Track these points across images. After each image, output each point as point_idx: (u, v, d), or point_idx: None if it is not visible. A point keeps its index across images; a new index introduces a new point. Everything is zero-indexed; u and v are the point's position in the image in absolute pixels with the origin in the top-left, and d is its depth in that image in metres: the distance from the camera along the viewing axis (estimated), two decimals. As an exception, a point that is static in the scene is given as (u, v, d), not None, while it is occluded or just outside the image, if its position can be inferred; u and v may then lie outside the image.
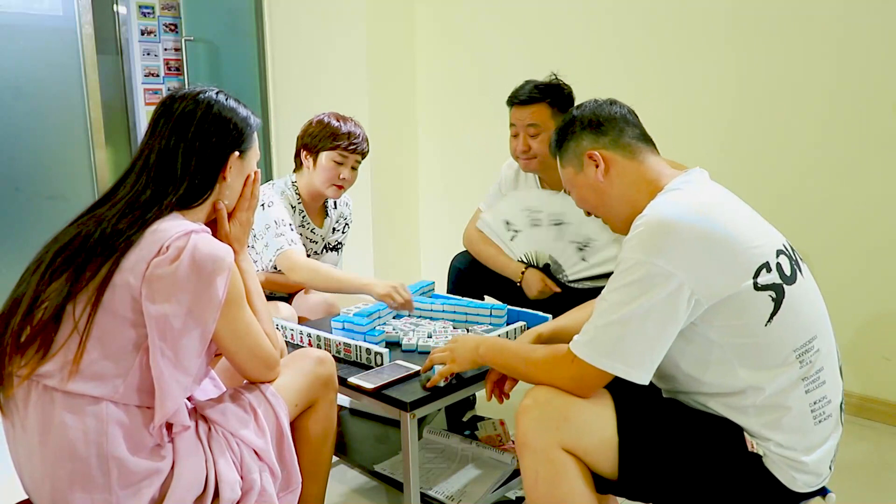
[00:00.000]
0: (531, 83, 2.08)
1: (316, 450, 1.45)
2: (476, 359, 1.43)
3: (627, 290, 1.14)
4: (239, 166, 1.30)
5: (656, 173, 1.30)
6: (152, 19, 4.58)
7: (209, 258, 1.13)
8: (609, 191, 1.32)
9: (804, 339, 1.17)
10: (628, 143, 1.32)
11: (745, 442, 1.17)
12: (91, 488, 1.09)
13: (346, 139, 2.07)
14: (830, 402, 1.20)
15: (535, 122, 2.05)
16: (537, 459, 1.20)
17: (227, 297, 1.16)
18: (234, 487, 1.19)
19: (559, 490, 1.19)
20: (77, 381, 1.10)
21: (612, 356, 1.15)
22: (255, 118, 1.34)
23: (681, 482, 1.20)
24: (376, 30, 3.46)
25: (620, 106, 1.37)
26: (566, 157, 1.38)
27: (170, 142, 1.22)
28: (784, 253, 1.21)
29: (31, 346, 1.11)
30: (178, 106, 1.25)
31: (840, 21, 2.29)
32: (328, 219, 2.26)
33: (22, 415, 1.14)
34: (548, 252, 2.14)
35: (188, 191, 1.23)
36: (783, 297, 1.16)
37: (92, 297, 1.10)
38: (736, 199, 1.28)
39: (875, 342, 2.35)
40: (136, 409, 1.14)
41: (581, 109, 1.39)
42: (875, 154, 2.28)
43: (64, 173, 3.18)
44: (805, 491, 1.18)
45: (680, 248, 1.13)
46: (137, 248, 1.12)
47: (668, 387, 1.30)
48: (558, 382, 1.22)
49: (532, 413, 1.21)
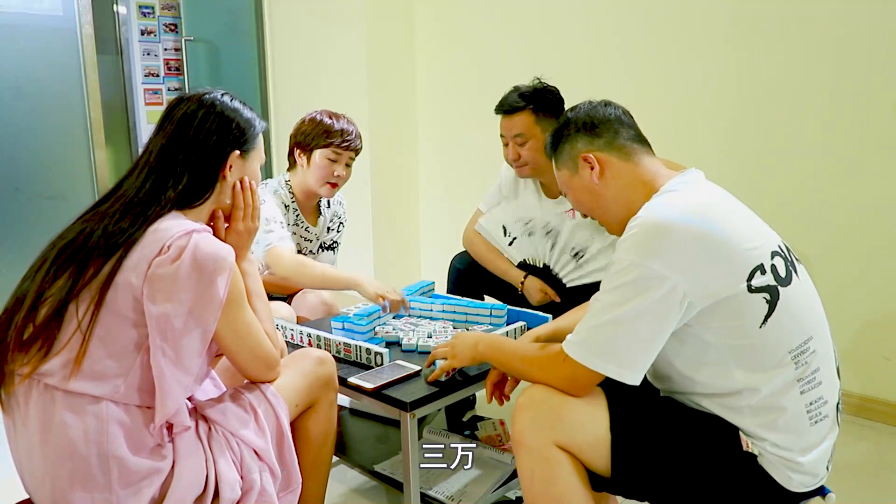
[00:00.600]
0: (516, 91, 2.07)
1: (316, 450, 1.45)
2: (476, 355, 1.44)
3: (620, 291, 1.15)
4: (240, 166, 1.31)
5: (652, 174, 1.29)
6: (152, 19, 4.58)
7: (210, 258, 1.14)
8: (604, 193, 1.32)
9: (799, 341, 1.17)
10: (623, 145, 1.31)
11: (741, 441, 1.17)
12: (91, 487, 1.09)
13: (339, 136, 2.06)
14: (827, 403, 1.20)
15: (521, 131, 2.05)
16: (533, 458, 1.21)
17: (228, 297, 1.16)
18: (234, 487, 1.19)
19: (555, 488, 1.19)
20: (78, 380, 1.10)
21: (603, 357, 1.16)
22: (260, 122, 1.35)
23: (674, 480, 1.20)
24: (376, 30, 3.46)
25: (615, 107, 1.36)
26: (561, 159, 1.37)
27: (172, 139, 1.24)
28: (779, 254, 1.20)
29: (34, 344, 1.11)
30: (182, 106, 1.27)
31: (840, 21, 2.29)
32: (322, 217, 2.26)
33: (23, 413, 1.14)
34: (544, 260, 2.15)
35: (188, 188, 1.23)
36: (778, 298, 1.15)
37: (95, 296, 1.10)
38: (732, 199, 1.28)
39: (875, 342, 2.35)
40: (137, 408, 1.14)
41: (575, 112, 1.37)
42: (875, 154, 2.28)
43: (64, 173, 3.18)
44: (801, 491, 1.18)
45: (674, 250, 1.12)
46: (139, 247, 1.13)
47: (664, 386, 1.31)
48: (552, 381, 1.22)
49: (527, 412, 1.22)
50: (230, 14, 4.07)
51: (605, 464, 1.20)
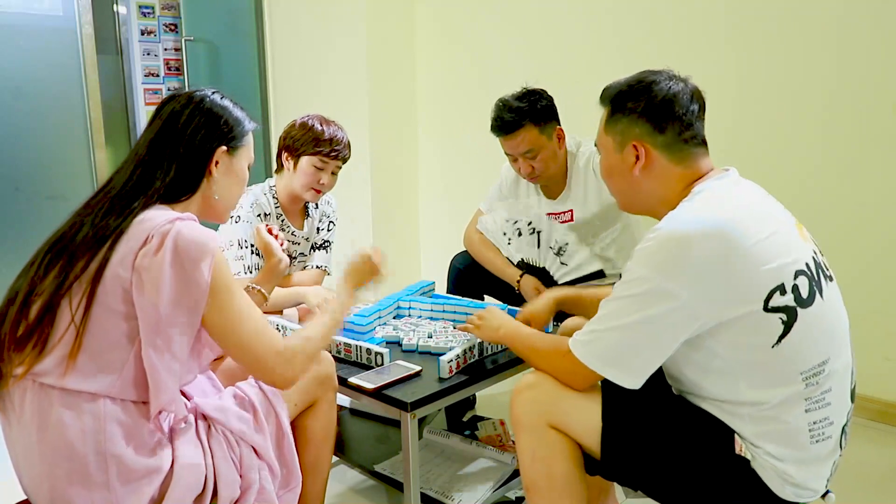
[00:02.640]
0: (506, 107, 2.03)
1: (316, 449, 1.46)
2: (497, 339, 1.56)
3: (629, 302, 1.15)
4: (227, 162, 1.31)
5: (694, 177, 1.24)
6: (152, 19, 4.58)
7: (192, 243, 1.13)
8: (639, 184, 1.26)
9: (814, 363, 1.13)
10: (682, 148, 1.23)
11: (734, 444, 1.16)
12: (90, 486, 1.09)
13: (328, 145, 2.05)
14: (832, 424, 1.16)
15: (529, 147, 2.04)
16: (533, 438, 1.25)
17: (214, 284, 1.14)
18: (233, 486, 1.19)
19: (555, 469, 1.24)
20: (74, 377, 1.10)
21: (606, 361, 1.18)
22: (250, 122, 1.36)
23: (662, 472, 1.21)
24: (376, 30, 3.46)
25: (696, 101, 1.24)
26: (612, 127, 1.27)
27: (160, 134, 1.26)
28: (805, 273, 1.14)
29: (28, 342, 1.11)
30: (172, 103, 1.29)
31: (840, 21, 2.29)
32: (309, 219, 2.25)
33: (18, 413, 1.13)
34: (535, 259, 2.17)
35: (175, 181, 1.24)
36: (795, 320, 1.11)
37: (86, 291, 1.10)
38: (766, 204, 1.22)
39: (875, 342, 2.35)
40: (133, 405, 1.14)
41: (656, 88, 1.23)
42: (875, 154, 2.28)
43: (64, 173, 3.18)
44: (794, 500, 1.17)
45: (688, 268, 1.10)
46: (125, 240, 1.13)
47: (673, 385, 1.31)
48: (556, 373, 1.27)
49: (525, 394, 1.28)
50: (230, 14, 4.07)
51: (598, 449, 1.23)
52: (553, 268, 2.13)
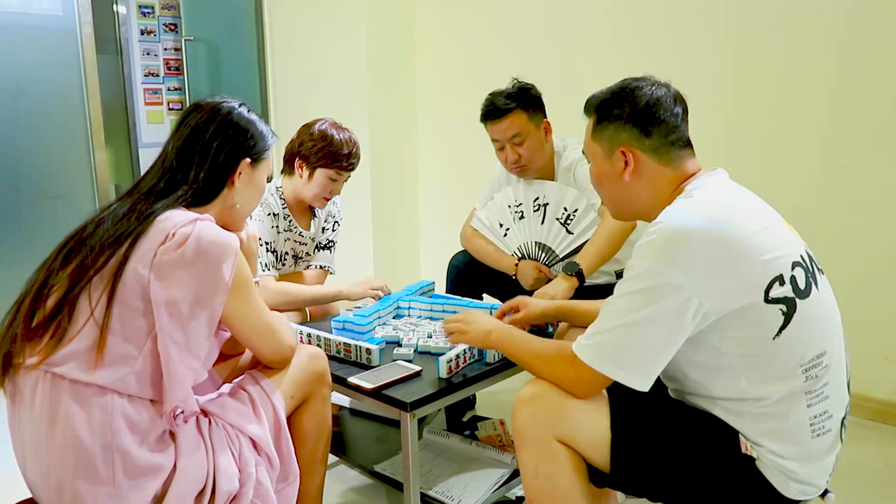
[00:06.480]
0: (498, 95, 2.09)
1: (312, 446, 1.47)
2: (489, 343, 1.46)
3: (634, 297, 1.14)
4: (249, 174, 1.37)
5: (683, 177, 1.25)
6: (152, 19, 4.58)
7: (214, 243, 1.18)
8: (629, 189, 1.28)
9: (812, 355, 1.14)
10: (668, 151, 1.25)
11: (740, 443, 1.17)
12: (95, 480, 1.10)
13: (346, 160, 2.08)
14: (831, 418, 1.17)
15: (517, 130, 2.07)
16: (536, 452, 1.21)
17: (234, 282, 1.20)
18: (232, 480, 1.20)
19: (558, 484, 1.20)
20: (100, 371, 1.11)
21: (612, 361, 1.15)
22: (272, 137, 1.43)
23: (672, 478, 1.20)
24: (376, 30, 3.46)
25: (679, 104, 1.27)
26: (599, 135, 1.29)
27: (188, 143, 1.31)
28: (801, 265, 1.16)
29: (45, 333, 1.13)
30: (200, 111, 1.33)
31: (840, 21, 2.29)
32: (315, 219, 2.26)
33: (29, 403, 1.15)
34: (535, 239, 2.16)
35: (199, 189, 1.30)
36: (794, 311, 1.12)
37: (107, 287, 1.13)
38: (757, 201, 1.24)
39: (875, 342, 2.35)
40: (141, 401, 1.15)
41: (639, 93, 1.26)
42: (876, 155, 2.28)
43: (64, 173, 3.18)
44: (799, 499, 1.17)
45: (692, 259, 1.10)
46: (145, 238, 1.17)
47: (673, 386, 1.31)
48: (559, 381, 1.23)
49: (528, 406, 1.23)
50: (230, 14, 4.07)
51: (606, 460, 1.20)
52: (557, 240, 2.13)
